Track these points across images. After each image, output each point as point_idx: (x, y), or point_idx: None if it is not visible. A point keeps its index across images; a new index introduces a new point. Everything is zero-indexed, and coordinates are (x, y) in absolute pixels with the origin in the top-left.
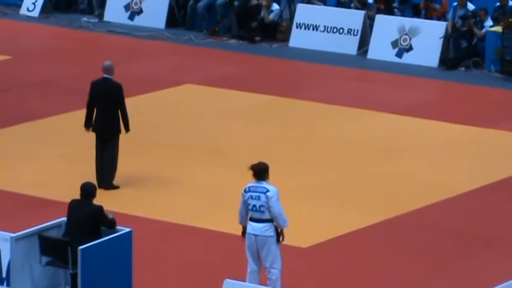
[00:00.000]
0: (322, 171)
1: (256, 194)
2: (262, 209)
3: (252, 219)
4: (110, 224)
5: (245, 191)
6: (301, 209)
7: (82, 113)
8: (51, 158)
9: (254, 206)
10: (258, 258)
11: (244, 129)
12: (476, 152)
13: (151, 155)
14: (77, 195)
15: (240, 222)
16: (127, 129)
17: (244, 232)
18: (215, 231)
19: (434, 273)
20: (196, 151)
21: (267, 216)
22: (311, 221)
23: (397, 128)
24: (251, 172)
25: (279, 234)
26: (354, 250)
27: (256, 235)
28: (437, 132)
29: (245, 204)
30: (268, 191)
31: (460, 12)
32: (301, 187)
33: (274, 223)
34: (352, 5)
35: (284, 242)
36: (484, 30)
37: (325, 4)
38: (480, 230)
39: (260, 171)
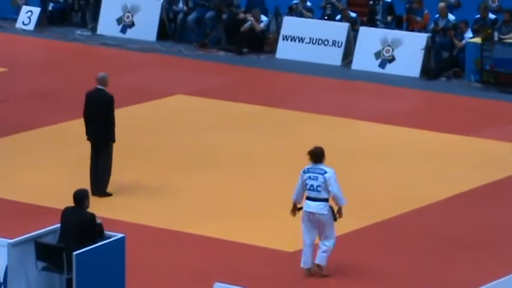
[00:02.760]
0: None
1: (315, 174)
2: (319, 188)
3: (309, 198)
4: (99, 233)
5: (304, 172)
6: (286, 214)
7: (75, 123)
8: (46, 167)
9: (312, 185)
10: (312, 234)
11: (232, 139)
12: (456, 159)
13: (144, 164)
14: (72, 202)
15: (294, 200)
16: (112, 139)
17: (294, 209)
18: (205, 236)
19: (420, 274)
20: (186, 159)
21: (322, 195)
22: (296, 226)
23: (380, 136)
24: (308, 157)
25: (333, 212)
26: (339, 254)
27: (313, 213)
28: (419, 140)
29: (303, 183)
30: (326, 172)
31: (442, 22)
32: (287, 193)
33: (329, 202)
34: (337, 17)
35: (269, 246)
36: (464, 42)
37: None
38: (460, 234)
39: (317, 155)
